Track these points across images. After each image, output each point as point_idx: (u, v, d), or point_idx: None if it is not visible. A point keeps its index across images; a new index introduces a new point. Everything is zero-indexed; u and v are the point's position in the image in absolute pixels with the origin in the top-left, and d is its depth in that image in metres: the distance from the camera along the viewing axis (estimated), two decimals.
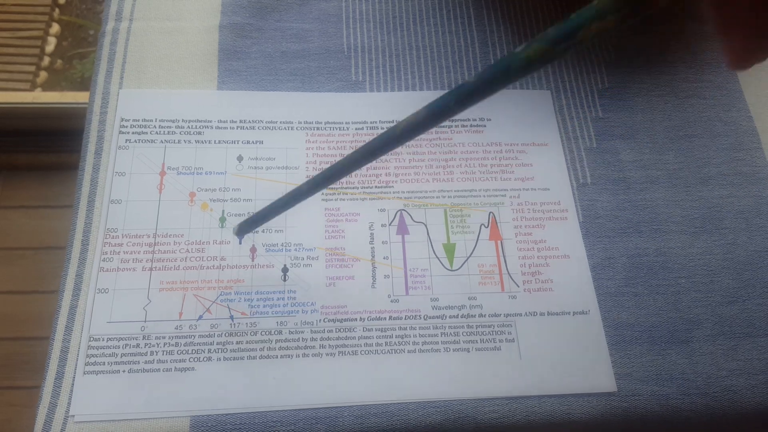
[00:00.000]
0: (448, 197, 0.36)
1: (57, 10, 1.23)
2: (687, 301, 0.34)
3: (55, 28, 1.22)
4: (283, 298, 0.33)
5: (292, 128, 0.37)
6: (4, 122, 1.08)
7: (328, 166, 0.36)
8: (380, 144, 0.24)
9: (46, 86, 1.17)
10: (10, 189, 1.07)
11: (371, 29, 0.41)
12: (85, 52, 1.21)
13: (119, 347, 0.31)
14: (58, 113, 1.07)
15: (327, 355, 0.31)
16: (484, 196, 0.36)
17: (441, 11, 0.42)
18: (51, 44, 1.20)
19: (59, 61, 1.20)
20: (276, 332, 0.32)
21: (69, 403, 0.29)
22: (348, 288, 0.33)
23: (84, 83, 1.17)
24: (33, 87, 1.16)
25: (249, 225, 0.31)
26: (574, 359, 0.32)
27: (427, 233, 0.35)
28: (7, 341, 0.95)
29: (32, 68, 1.17)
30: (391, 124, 0.37)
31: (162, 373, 0.30)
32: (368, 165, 0.36)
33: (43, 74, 1.18)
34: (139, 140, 0.36)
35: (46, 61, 1.19)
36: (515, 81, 0.20)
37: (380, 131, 0.37)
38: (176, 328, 0.31)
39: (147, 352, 0.31)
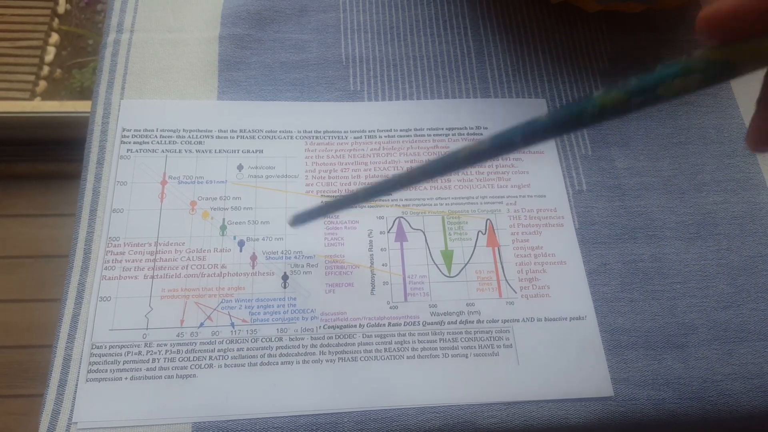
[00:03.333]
0: (446, 205, 0.36)
1: (56, 20, 1.24)
2: (682, 306, 0.35)
3: (55, 37, 1.23)
4: (283, 305, 0.33)
5: (291, 137, 0.38)
6: (4, 131, 1.09)
7: (328, 175, 0.37)
8: (438, 168, 0.24)
9: (46, 95, 1.18)
10: (10, 198, 1.08)
11: (369, 40, 0.42)
12: (84, 61, 1.21)
13: (121, 354, 0.31)
14: (57, 122, 1.08)
15: (327, 361, 0.32)
16: (481, 204, 0.37)
17: (438, 22, 0.43)
18: (50, 54, 1.21)
19: (58, 71, 1.20)
20: (276, 339, 0.32)
21: (72, 410, 0.30)
22: (347, 295, 0.33)
23: (83, 92, 1.17)
24: (32, 96, 1.16)
25: (306, 216, 0.32)
26: (571, 364, 0.32)
27: (426, 240, 0.35)
28: (7, 350, 0.96)
29: (32, 78, 1.17)
30: (389, 133, 0.38)
31: (164, 380, 0.31)
32: (367, 173, 0.37)
33: (43, 83, 1.18)
34: (140, 150, 0.36)
35: (46, 70, 1.20)
36: (587, 127, 0.20)
37: (378, 140, 0.38)
38: (178, 336, 0.32)
39: (149, 359, 0.31)
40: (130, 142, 0.37)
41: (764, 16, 0.17)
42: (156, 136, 0.37)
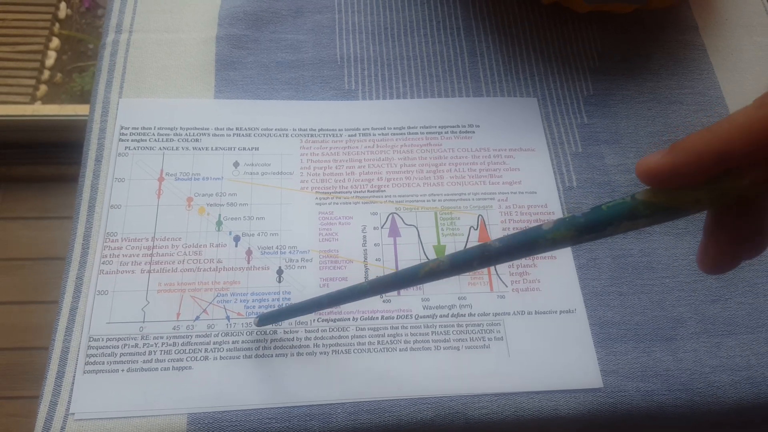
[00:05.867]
0: (439, 201, 0.37)
1: (57, 25, 1.25)
2: (671, 299, 0.35)
3: (55, 42, 1.24)
4: (278, 299, 0.33)
5: (286, 135, 0.38)
6: (4, 135, 1.09)
7: (322, 172, 0.37)
8: (399, 280, 0.25)
9: (46, 99, 1.18)
10: (10, 201, 1.08)
11: (363, 40, 0.42)
12: (84, 65, 1.22)
13: (118, 347, 0.32)
14: (57, 126, 1.09)
15: (321, 353, 0.32)
16: (473, 200, 0.37)
17: (431, 22, 0.44)
18: (51, 58, 1.22)
19: (59, 75, 1.21)
20: (271, 332, 0.33)
21: (69, 402, 0.30)
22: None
23: (83, 96, 1.18)
24: (33, 100, 1.17)
25: (272, 317, 0.32)
26: (561, 357, 0.33)
27: (418, 236, 0.36)
28: (6, 351, 0.96)
29: (32, 82, 1.18)
30: (383, 131, 0.39)
31: (160, 372, 0.31)
32: (361, 171, 0.38)
33: (43, 88, 1.19)
34: (138, 147, 0.37)
35: (46, 74, 1.21)
36: (540, 254, 0.21)
37: (372, 137, 0.39)
38: (174, 329, 0.32)
39: (145, 352, 0.32)
40: (128, 140, 0.37)
41: (699, 172, 0.18)
42: (153, 134, 0.38)
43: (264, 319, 0.31)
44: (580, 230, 0.20)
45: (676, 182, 0.19)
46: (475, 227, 0.36)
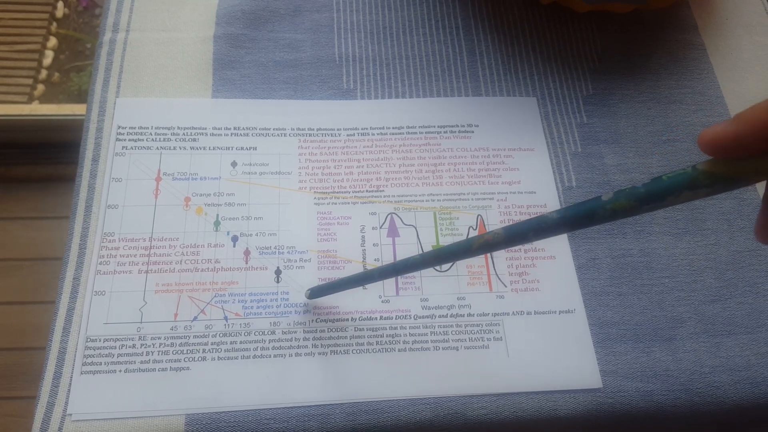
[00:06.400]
0: (438, 201, 0.37)
1: (54, 24, 1.25)
2: (670, 300, 0.35)
3: (53, 41, 1.23)
4: (276, 299, 0.33)
5: (285, 135, 0.38)
6: (2, 134, 1.09)
7: (321, 171, 0.37)
8: (452, 252, 0.25)
9: (44, 99, 1.18)
10: (7, 201, 1.08)
11: (362, 39, 0.42)
12: (82, 65, 1.22)
13: (116, 348, 0.31)
14: (55, 125, 1.08)
15: (319, 354, 0.32)
16: (473, 200, 0.37)
17: (429, 21, 0.43)
18: (48, 58, 1.22)
19: (56, 75, 1.21)
20: (269, 332, 0.32)
21: (66, 402, 0.30)
22: None
23: (81, 96, 1.18)
24: (30, 100, 1.17)
25: (322, 290, 0.32)
26: (560, 357, 0.33)
27: (417, 236, 0.36)
28: (4, 352, 0.96)
29: (30, 81, 1.18)
30: (382, 130, 0.39)
31: (158, 373, 0.31)
32: (360, 170, 0.37)
33: (41, 87, 1.19)
34: (135, 147, 0.37)
35: (44, 74, 1.20)
36: (597, 225, 0.21)
37: (371, 137, 0.39)
38: (171, 329, 0.32)
39: (143, 352, 0.31)
40: (125, 140, 0.37)
41: (763, 142, 0.18)
42: (151, 134, 0.37)
43: (315, 293, 0.32)
44: (640, 200, 0.19)
45: (738, 152, 0.19)
46: (474, 227, 0.36)
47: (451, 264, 0.35)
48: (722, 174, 0.19)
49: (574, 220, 0.21)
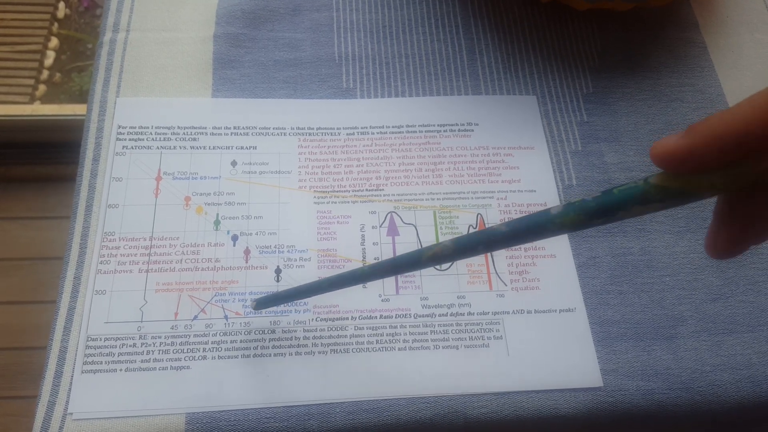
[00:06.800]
0: (437, 199, 0.37)
1: (56, 25, 1.25)
2: (671, 298, 0.35)
3: (54, 42, 1.23)
4: None
5: (284, 134, 0.38)
6: (3, 135, 1.09)
7: (320, 171, 0.37)
8: (401, 264, 0.25)
9: (45, 99, 1.18)
10: (8, 200, 1.08)
11: (361, 38, 0.42)
12: (83, 65, 1.22)
13: (116, 347, 0.31)
14: (56, 125, 1.08)
15: (319, 353, 0.32)
16: (472, 198, 0.37)
17: (429, 20, 0.43)
18: (50, 58, 1.22)
19: (58, 75, 1.21)
20: (269, 331, 0.32)
21: (67, 401, 0.30)
22: None
23: (82, 96, 1.18)
24: (32, 100, 1.17)
25: (268, 301, 0.31)
26: (560, 355, 0.33)
27: (417, 234, 0.36)
28: (4, 351, 0.96)
29: (31, 81, 1.18)
30: (381, 129, 0.39)
31: (158, 372, 0.31)
32: (360, 169, 0.37)
33: (42, 87, 1.19)
34: (135, 147, 0.37)
35: (45, 74, 1.20)
36: (547, 237, 0.21)
37: (371, 136, 0.39)
38: (172, 328, 0.32)
39: (143, 352, 0.31)
40: (125, 139, 0.37)
41: (718, 155, 0.18)
42: (151, 133, 0.37)
43: (261, 303, 0.31)
44: (589, 215, 0.19)
45: (692, 166, 0.18)
46: (474, 226, 0.36)
47: (451, 263, 0.35)
48: (675, 189, 0.18)
49: (523, 233, 0.21)
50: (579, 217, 0.19)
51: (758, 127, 0.17)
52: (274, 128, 0.38)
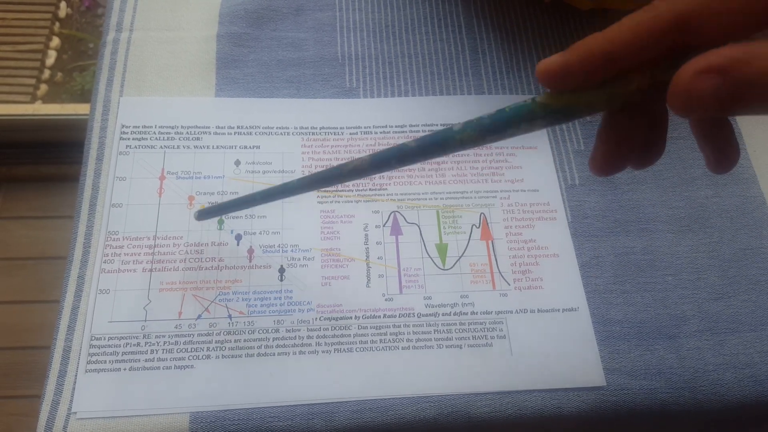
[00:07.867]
0: (441, 199, 0.37)
1: (57, 24, 1.25)
2: (674, 297, 0.35)
3: (56, 41, 1.23)
4: (279, 298, 0.33)
5: (288, 133, 0.38)
6: (5, 134, 1.09)
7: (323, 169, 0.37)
8: (325, 177, 0.27)
9: (47, 99, 1.18)
10: (11, 200, 1.08)
11: (365, 38, 0.42)
12: (85, 65, 1.22)
13: (120, 346, 0.31)
14: (57, 125, 1.09)
15: (323, 352, 0.32)
16: (476, 198, 0.37)
17: (432, 20, 0.43)
18: (51, 57, 1.22)
19: (59, 74, 1.21)
20: (273, 330, 0.32)
21: (71, 401, 0.30)
22: (343, 287, 0.34)
23: (84, 95, 1.18)
24: (33, 100, 1.17)
25: (211, 212, 0.33)
26: (564, 355, 0.33)
27: (420, 234, 0.36)
28: (7, 351, 0.96)
29: (33, 81, 1.18)
30: (384, 129, 0.39)
31: (162, 371, 0.31)
32: None
33: (44, 87, 1.19)
34: (139, 146, 0.37)
35: (47, 74, 1.21)
36: (451, 153, 0.23)
37: (374, 136, 0.39)
38: (176, 327, 0.32)
39: (147, 351, 0.31)
40: (129, 139, 0.37)
41: (590, 72, 0.19)
42: (154, 133, 0.37)
43: (203, 214, 0.33)
44: (484, 131, 0.21)
45: (569, 82, 0.20)
46: (477, 225, 0.36)
47: (454, 262, 0.35)
48: (557, 106, 0.20)
49: (429, 147, 0.22)
50: (475, 133, 0.21)
51: (623, 46, 0.18)
52: (277, 128, 0.38)
